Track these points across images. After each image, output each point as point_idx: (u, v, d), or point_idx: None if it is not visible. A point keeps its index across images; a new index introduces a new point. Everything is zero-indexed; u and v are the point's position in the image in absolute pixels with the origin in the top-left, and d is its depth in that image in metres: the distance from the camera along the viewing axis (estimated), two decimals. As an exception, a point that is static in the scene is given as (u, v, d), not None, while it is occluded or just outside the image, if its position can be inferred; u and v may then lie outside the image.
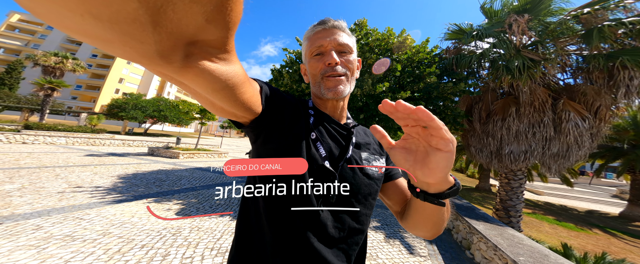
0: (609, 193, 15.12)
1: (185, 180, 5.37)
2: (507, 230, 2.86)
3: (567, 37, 3.80)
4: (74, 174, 4.90)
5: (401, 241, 3.16)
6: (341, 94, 0.55)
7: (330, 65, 0.54)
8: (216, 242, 2.50)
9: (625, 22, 3.10)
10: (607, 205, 11.43)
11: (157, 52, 0.19)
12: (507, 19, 4.02)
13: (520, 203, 5.07)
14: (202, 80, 0.26)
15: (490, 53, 4.64)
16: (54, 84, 16.85)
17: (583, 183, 20.23)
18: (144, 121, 21.52)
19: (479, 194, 10.55)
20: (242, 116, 0.44)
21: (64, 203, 3.15)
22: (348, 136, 0.59)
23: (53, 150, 8.05)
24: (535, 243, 2.10)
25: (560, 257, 2.12)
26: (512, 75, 3.73)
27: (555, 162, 4.16)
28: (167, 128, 43.85)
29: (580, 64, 4.04)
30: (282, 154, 0.50)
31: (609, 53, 3.32)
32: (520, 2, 4.50)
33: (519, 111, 4.32)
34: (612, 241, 5.58)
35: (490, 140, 4.94)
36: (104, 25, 0.15)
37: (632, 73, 3.19)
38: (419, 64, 4.80)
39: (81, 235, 2.28)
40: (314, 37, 0.57)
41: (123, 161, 7.27)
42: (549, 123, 3.98)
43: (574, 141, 3.83)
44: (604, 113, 3.70)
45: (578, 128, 3.76)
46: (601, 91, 3.56)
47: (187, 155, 9.05)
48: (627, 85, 3.29)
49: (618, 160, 9.22)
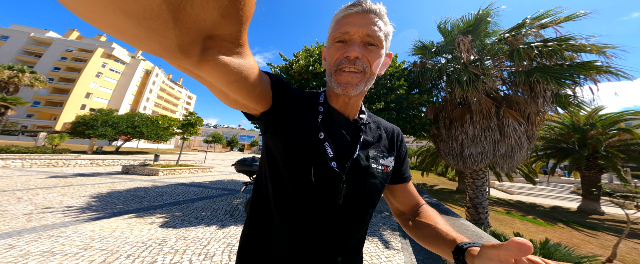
0: (569, 190, 16.12)
1: (167, 195, 5.22)
2: (459, 220, 3.30)
3: (500, 56, 4.72)
4: (39, 196, 4.54)
5: (379, 238, 3.46)
6: (351, 92, 0.50)
7: (349, 58, 0.48)
8: (203, 248, 2.58)
9: (533, 46, 4.03)
10: (567, 201, 12.33)
11: (177, 46, 0.21)
12: (456, 38, 4.88)
13: (485, 200, 5.70)
14: (217, 72, 0.28)
15: (447, 68, 5.49)
16: (8, 101, 15.20)
17: (545, 182, 22.33)
18: (116, 138, 19.95)
19: (459, 195, 11.22)
20: (253, 108, 0.45)
21: (35, 223, 2.99)
22: (357, 134, 0.57)
23: (7, 174, 7.24)
24: (477, 228, 2.52)
25: (492, 238, 2.51)
26: (462, 87, 4.48)
27: (505, 161, 4.89)
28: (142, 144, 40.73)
29: (511, 78, 4.98)
30: (289, 150, 0.50)
31: (527, 70, 4.22)
32: (464, 25, 5.49)
33: (472, 118, 5.08)
34: (574, 233, 6.15)
35: (454, 144, 5.62)
36: (132, 20, 0.17)
37: (545, 86, 4.09)
38: (391, 77, 5.46)
39: (61, 250, 2.24)
40: (343, 20, 0.49)
41: (94, 181, 6.78)
42: (495, 128, 4.76)
43: (515, 143, 4.60)
44: (533, 118, 4.56)
45: (516, 131, 4.55)
46: (527, 100, 4.43)
47: (167, 172, 8.64)
48: (543, 96, 4.19)
49: (567, 159, 10.47)
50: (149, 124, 18.25)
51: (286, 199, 0.50)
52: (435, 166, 14.64)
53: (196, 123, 10.48)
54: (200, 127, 30.17)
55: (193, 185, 6.71)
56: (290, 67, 5.15)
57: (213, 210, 4.29)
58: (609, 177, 20.23)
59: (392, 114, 4.80)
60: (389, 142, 0.63)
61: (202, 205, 4.60)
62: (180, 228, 3.15)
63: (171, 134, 11.60)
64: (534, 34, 4.26)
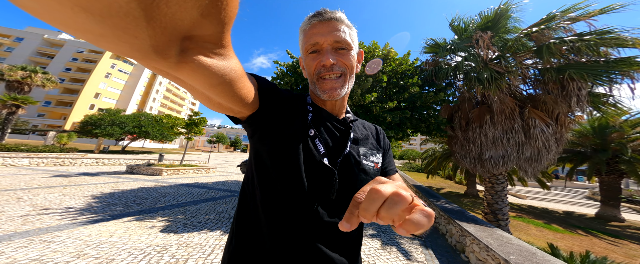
0: (583, 195, 15.76)
1: (170, 196, 5.03)
2: (496, 231, 2.99)
3: (524, 52, 4.39)
4: (40, 196, 4.41)
5: (398, 248, 3.15)
6: (337, 96, 0.53)
7: (325, 67, 0.51)
8: (207, 258, 2.34)
9: (565, 40, 3.70)
10: (582, 207, 11.99)
11: (151, 47, 0.19)
12: (474, 35, 4.58)
13: (506, 206, 5.32)
14: (198, 75, 0.26)
15: (463, 66, 5.18)
16: (20, 101, 15.53)
17: (559, 186, 21.55)
18: (122, 138, 20.16)
19: (468, 200, 10.82)
20: (239, 111, 0.43)
21: (29, 226, 2.80)
22: (346, 131, 0.58)
23: (13, 173, 7.22)
24: (522, 242, 2.21)
25: (547, 255, 2.24)
26: (483, 85, 4.16)
27: (530, 166, 4.52)
28: (148, 144, 41.32)
29: (537, 76, 4.62)
30: (280, 150, 0.49)
31: (558, 66, 3.88)
32: (482, 21, 5.18)
33: (493, 119, 4.74)
34: (594, 241, 5.81)
35: (472, 146, 5.28)
36: (95, 18, 0.15)
37: (580, 84, 3.73)
38: (403, 75, 5.19)
39: (51, 258, 2.03)
40: (310, 31, 0.52)
41: (97, 180, 6.67)
42: (519, 129, 4.40)
43: (542, 145, 4.24)
44: (563, 119, 4.18)
45: (544, 133, 4.19)
46: (557, 100, 4.07)
47: (171, 172, 8.52)
48: (578, 95, 3.82)
49: (584, 163, 10.00)
50: (154, 124, 18.40)
51: (276, 202, 0.49)
52: (443, 168, 14.22)
53: (200, 123, 10.40)
54: (205, 127, 30.55)
55: (196, 186, 6.53)
56: (297, 64, 5.01)
57: (217, 212, 4.07)
58: (625, 182, 19.38)
59: (406, 113, 4.53)
60: (375, 140, 0.66)
61: (206, 207, 4.38)
62: (183, 233, 2.92)
63: (176, 134, 11.57)
64: (565, 28, 3.91)
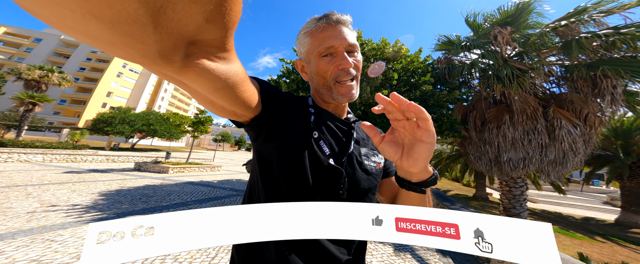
0: (600, 200, 15.28)
1: (175, 194, 4.99)
2: None
3: (548, 49, 4.07)
4: (49, 192, 4.45)
5: (412, 255, 2.95)
6: (353, 98, 0.55)
7: (345, 71, 0.52)
8: (211, 261, 2.22)
9: (599, 34, 3.38)
10: (600, 212, 11.51)
11: (157, 52, 0.19)
12: (492, 31, 4.29)
13: (524, 211, 5.01)
14: (202, 79, 0.26)
15: (479, 63, 4.88)
16: (36, 99, 16.12)
17: (574, 190, 20.66)
18: (132, 136, 20.65)
19: (477, 203, 10.44)
20: (242, 114, 0.44)
21: (33, 223, 2.78)
22: (349, 132, 0.60)
23: (27, 168, 7.41)
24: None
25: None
26: (503, 83, 3.88)
27: (554, 169, 4.20)
28: (156, 142, 42.26)
29: (563, 74, 4.28)
30: (284, 153, 0.49)
31: (590, 62, 3.55)
32: (501, 16, 4.86)
33: (512, 119, 4.44)
34: (616, 249, 5.50)
35: (488, 147, 4.99)
36: (105, 25, 0.15)
37: (615, 81, 3.40)
38: (414, 73, 4.95)
39: (50, 259, 1.96)
40: (321, 35, 0.53)
41: (106, 177, 6.75)
42: (543, 130, 4.09)
43: (569, 147, 3.91)
44: (592, 120, 3.85)
45: (571, 135, 3.87)
46: (587, 99, 3.74)
47: (177, 170, 8.57)
48: (612, 93, 3.48)
49: (604, 167, 9.48)
50: (162, 122, 18.73)
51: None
52: (450, 170, 13.81)
53: (206, 122, 10.45)
54: (210, 126, 31.36)
55: (201, 184, 6.50)
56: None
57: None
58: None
59: (419, 112, 4.29)
60: None
61: (210, 206, 4.30)
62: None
63: (182, 132, 11.71)
64: (596, 21, 3.57)
